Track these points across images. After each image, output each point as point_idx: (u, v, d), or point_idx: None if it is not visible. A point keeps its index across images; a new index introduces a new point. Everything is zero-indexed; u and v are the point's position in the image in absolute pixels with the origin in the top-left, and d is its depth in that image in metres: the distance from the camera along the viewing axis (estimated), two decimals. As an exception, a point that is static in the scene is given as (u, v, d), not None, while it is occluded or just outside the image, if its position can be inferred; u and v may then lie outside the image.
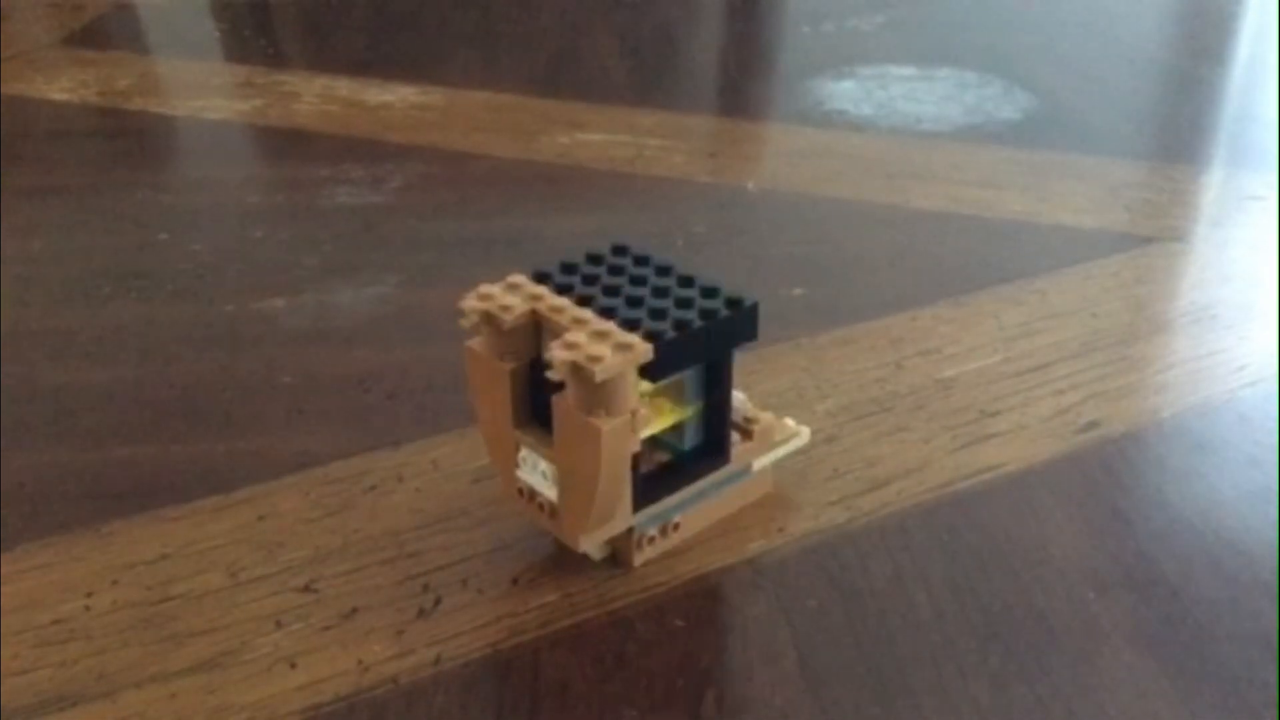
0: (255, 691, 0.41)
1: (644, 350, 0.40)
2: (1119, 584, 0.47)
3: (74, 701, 0.41)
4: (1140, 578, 0.47)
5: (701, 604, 0.45)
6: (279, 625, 0.44)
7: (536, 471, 0.45)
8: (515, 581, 0.47)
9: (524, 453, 0.45)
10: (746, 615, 0.45)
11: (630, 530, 0.46)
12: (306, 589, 0.46)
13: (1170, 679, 0.42)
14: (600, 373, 0.39)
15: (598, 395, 0.40)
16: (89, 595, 0.46)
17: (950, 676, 0.42)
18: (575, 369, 0.40)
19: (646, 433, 0.43)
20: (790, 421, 0.51)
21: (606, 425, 0.40)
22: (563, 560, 0.47)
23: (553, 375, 0.40)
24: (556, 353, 0.40)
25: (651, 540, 0.47)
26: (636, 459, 0.43)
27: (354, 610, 0.45)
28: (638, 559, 0.47)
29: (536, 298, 0.44)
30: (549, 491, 0.45)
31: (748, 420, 0.49)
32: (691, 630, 0.44)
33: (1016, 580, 0.47)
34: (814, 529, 0.50)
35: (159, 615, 0.45)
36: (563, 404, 0.42)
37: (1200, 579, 0.47)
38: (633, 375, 0.41)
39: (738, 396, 0.49)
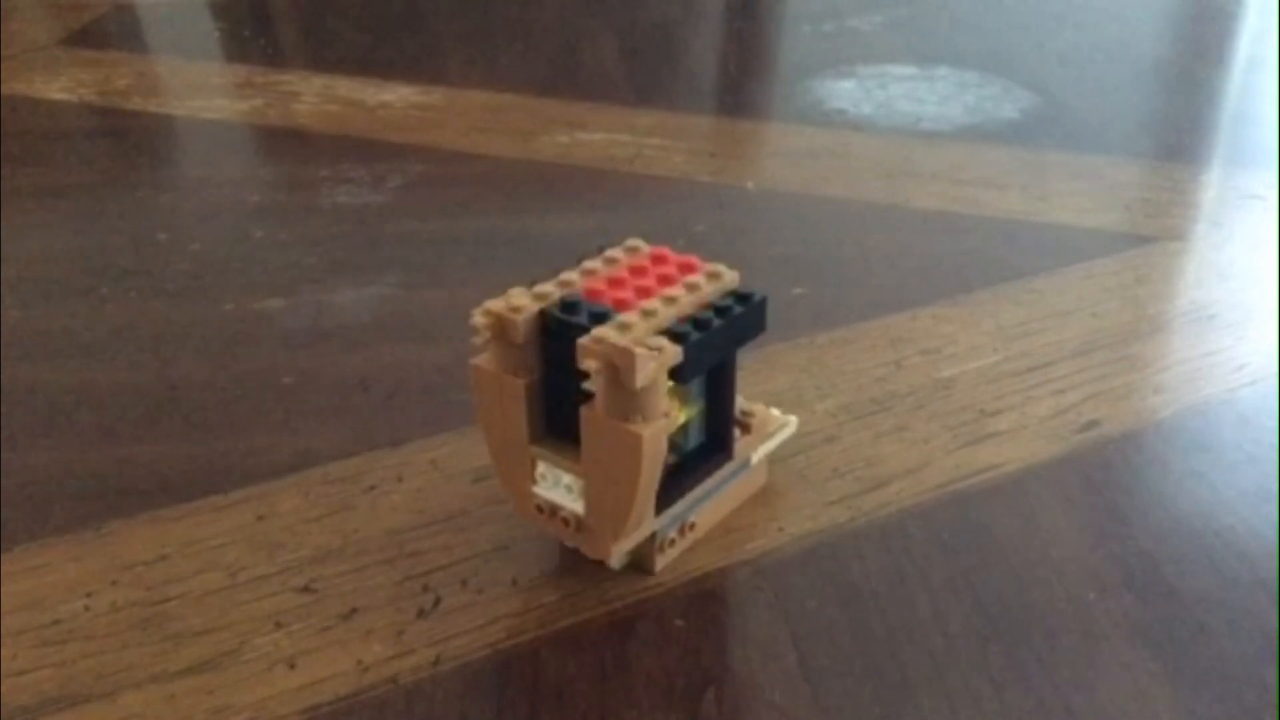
0: (255, 692, 0.41)
1: (674, 352, 0.40)
2: (1119, 584, 0.47)
3: (74, 702, 0.41)
4: (1140, 578, 0.47)
5: (701, 604, 0.45)
6: (278, 625, 0.44)
7: (559, 486, 0.44)
8: (515, 582, 0.47)
9: (543, 468, 0.44)
10: (746, 615, 0.45)
11: (653, 535, 0.45)
12: (306, 589, 0.46)
13: (1170, 679, 0.42)
14: (641, 379, 0.38)
15: (634, 401, 0.40)
16: (89, 595, 0.46)
17: (950, 676, 0.42)
18: (612, 376, 0.39)
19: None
20: (776, 411, 0.51)
21: (646, 430, 0.40)
22: (562, 560, 0.47)
23: (590, 386, 0.40)
24: (591, 362, 0.39)
25: (672, 543, 0.47)
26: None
27: (353, 610, 0.45)
28: (659, 563, 0.47)
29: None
30: (574, 505, 0.44)
31: (744, 414, 0.49)
32: (691, 630, 0.44)
33: (1016, 580, 0.47)
34: (814, 529, 0.50)
35: (158, 615, 0.45)
36: (593, 414, 0.41)
37: (1200, 579, 0.47)
38: (663, 378, 0.40)
39: None
